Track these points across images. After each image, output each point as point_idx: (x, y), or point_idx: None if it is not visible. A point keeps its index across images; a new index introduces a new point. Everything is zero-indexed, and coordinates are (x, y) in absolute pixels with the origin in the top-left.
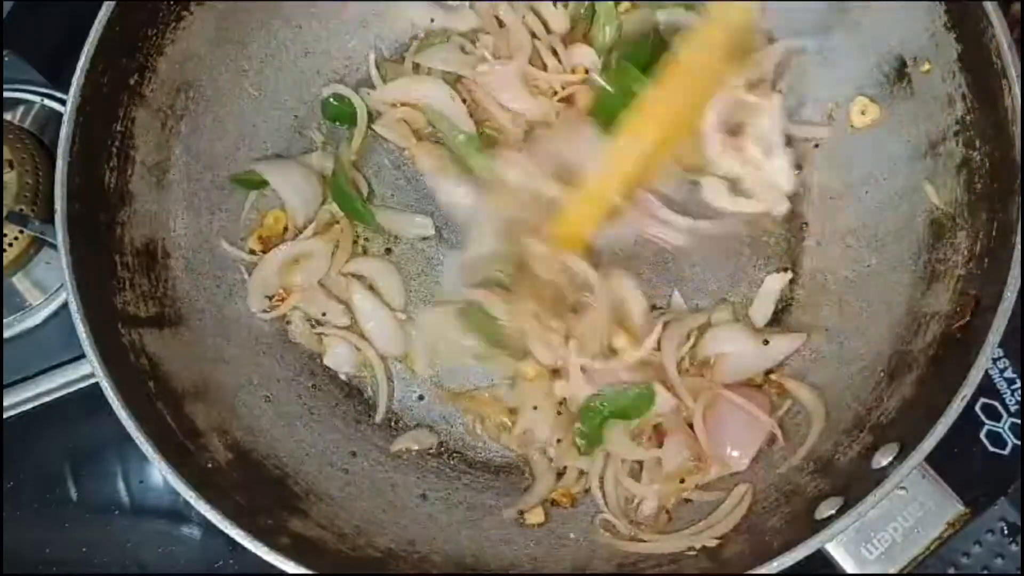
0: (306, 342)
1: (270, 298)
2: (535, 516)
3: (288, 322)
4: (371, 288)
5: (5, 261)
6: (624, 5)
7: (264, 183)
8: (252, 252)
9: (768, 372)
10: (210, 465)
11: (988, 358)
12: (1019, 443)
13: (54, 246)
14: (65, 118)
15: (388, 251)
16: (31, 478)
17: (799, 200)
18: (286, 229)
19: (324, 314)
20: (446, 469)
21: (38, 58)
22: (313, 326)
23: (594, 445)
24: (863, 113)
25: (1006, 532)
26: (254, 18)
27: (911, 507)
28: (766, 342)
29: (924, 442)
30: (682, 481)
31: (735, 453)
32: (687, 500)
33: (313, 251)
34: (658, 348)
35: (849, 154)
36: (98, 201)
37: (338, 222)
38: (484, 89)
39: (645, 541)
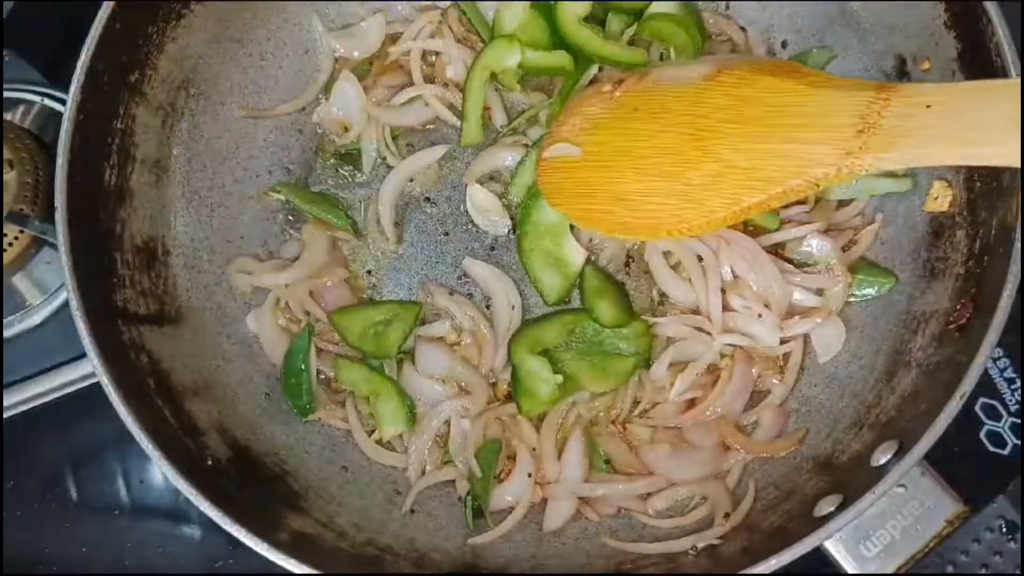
0: None
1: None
2: None
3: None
4: None
5: (5, 261)
6: None
7: None
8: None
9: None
10: (210, 462)
11: (987, 357)
12: (1019, 442)
13: (54, 245)
14: (65, 116)
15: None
16: (31, 478)
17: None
18: None
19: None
20: None
21: (38, 58)
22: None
23: None
24: (936, 199)
25: (1005, 530)
26: (255, 16)
27: (910, 505)
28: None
29: (923, 440)
30: None
31: None
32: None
33: None
34: None
35: None
36: (98, 200)
37: None
38: None
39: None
